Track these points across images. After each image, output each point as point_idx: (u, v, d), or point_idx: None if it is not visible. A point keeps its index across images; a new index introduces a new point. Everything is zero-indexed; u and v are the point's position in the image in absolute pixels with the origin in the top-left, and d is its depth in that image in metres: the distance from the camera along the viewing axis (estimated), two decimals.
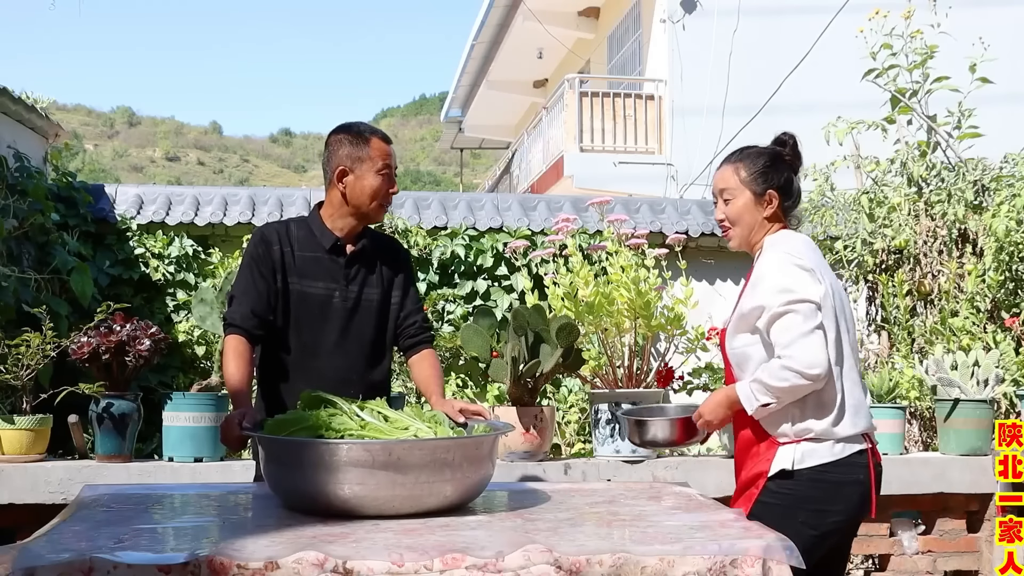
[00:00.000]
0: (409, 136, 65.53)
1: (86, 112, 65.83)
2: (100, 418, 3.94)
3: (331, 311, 2.83)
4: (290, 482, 2.18)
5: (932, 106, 5.93)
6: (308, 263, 2.84)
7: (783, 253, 2.56)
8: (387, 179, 2.85)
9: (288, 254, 2.84)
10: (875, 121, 6.03)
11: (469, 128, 22.78)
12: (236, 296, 2.83)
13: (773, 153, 2.71)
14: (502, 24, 17.70)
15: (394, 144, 2.98)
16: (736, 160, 2.69)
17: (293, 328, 2.83)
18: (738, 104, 12.56)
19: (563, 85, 14.10)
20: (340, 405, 2.31)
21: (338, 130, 2.88)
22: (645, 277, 4.22)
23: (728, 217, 2.69)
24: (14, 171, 6.99)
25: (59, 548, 1.78)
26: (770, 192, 2.65)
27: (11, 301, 6.10)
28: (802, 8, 12.36)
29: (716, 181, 2.72)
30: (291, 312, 2.83)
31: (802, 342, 2.41)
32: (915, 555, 4.40)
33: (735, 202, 2.67)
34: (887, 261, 5.89)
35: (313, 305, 2.82)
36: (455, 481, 2.14)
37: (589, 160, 13.55)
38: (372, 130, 2.87)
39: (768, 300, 2.49)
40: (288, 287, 2.83)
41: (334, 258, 2.86)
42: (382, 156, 2.82)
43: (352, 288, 2.86)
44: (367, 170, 2.81)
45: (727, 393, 2.55)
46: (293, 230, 2.89)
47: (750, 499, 2.53)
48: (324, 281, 2.84)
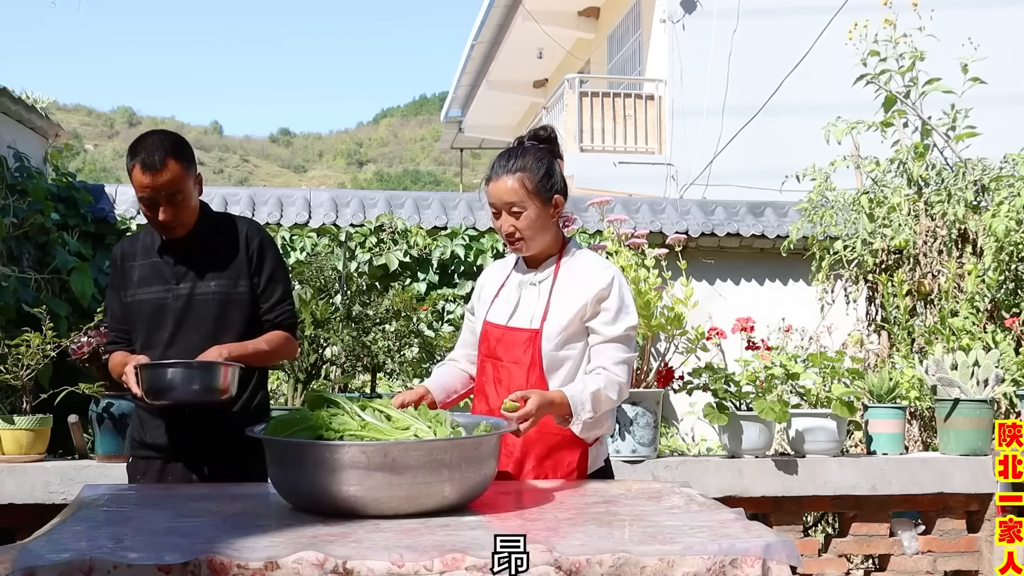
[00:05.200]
0: (409, 136, 65.49)
1: (86, 112, 65.81)
2: (100, 418, 3.94)
3: (165, 313, 2.87)
4: (292, 482, 2.19)
5: (928, 108, 5.93)
6: (146, 269, 2.91)
7: (619, 274, 2.67)
8: (148, 205, 2.80)
9: (130, 267, 2.93)
10: (874, 121, 6.03)
11: (469, 128, 22.76)
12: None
13: (548, 154, 2.67)
14: (502, 24, 17.70)
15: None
16: (517, 170, 2.59)
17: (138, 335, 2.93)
18: (738, 104, 12.56)
19: (563, 85, 14.10)
20: (343, 404, 2.31)
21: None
22: (645, 277, 4.22)
23: (521, 230, 2.62)
24: (14, 171, 6.99)
25: (59, 548, 1.78)
26: (556, 197, 2.64)
27: (11, 301, 6.10)
28: (801, 9, 12.36)
29: (500, 194, 2.60)
30: (135, 321, 2.91)
31: (631, 366, 2.68)
32: (915, 555, 4.40)
33: (527, 215, 2.60)
34: (887, 261, 5.89)
35: (149, 309, 2.88)
36: (453, 481, 2.14)
37: (589, 160, 13.55)
38: (134, 154, 2.76)
39: (621, 320, 2.61)
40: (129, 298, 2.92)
41: (166, 259, 2.90)
42: (138, 186, 2.77)
43: (183, 286, 2.87)
44: (136, 194, 2.81)
45: (553, 397, 2.51)
46: (141, 239, 2.98)
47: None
48: (159, 284, 2.88)
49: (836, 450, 4.35)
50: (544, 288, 2.69)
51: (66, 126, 8.76)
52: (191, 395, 2.70)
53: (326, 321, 5.21)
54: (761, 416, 4.11)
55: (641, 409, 4.14)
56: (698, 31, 13.33)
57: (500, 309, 2.73)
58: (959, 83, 5.66)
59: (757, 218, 9.58)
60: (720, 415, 4.19)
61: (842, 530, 4.49)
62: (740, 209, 9.67)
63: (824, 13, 11.41)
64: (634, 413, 4.14)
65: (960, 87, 5.66)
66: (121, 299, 2.93)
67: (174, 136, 2.84)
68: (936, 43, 5.67)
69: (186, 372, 2.71)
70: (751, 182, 11.47)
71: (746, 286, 9.69)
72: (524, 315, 2.68)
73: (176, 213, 2.79)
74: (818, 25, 11.55)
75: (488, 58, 19.36)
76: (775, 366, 4.28)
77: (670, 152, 13.46)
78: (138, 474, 2.95)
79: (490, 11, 17.30)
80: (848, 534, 4.41)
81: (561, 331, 2.62)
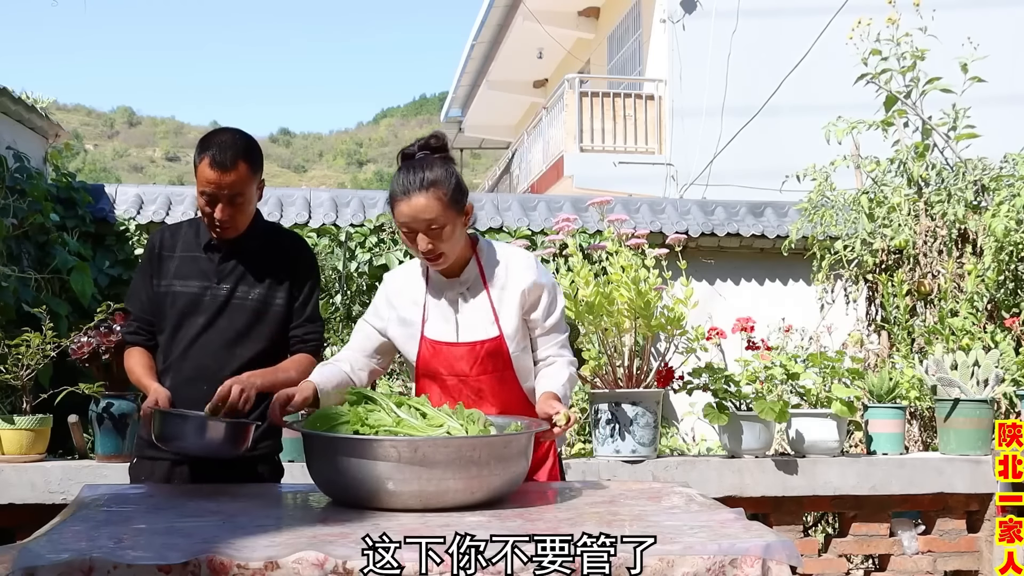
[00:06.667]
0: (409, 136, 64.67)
1: (86, 112, 65.85)
2: (100, 418, 3.94)
3: (199, 309, 2.82)
4: (327, 473, 2.27)
5: (929, 108, 5.93)
6: (186, 263, 2.86)
7: (538, 260, 2.72)
8: (207, 201, 2.74)
9: (168, 257, 2.87)
10: (875, 121, 6.03)
11: (469, 128, 22.78)
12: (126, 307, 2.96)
13: (450, 162, 2.57)
14: (502, 24, 17.71)
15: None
16: (429, 185, 2.48)
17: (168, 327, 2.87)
18: (738, 104, 12.57)
19: (563, 85, 14.10)
20: (379, 401, 2.37)
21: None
22: (645, 277, 4.22)
23: (440, 247, 2.53)
24: (14, 171, 6.99)
25: (59, 548, 1.78)
26: (468, 204, 2.58)
27: (11, 301, 6.11)
28: (801, 9, 12.37)
29: (415, 213, 2.48)
30: (166, 312, 2.86)
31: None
32: (915, 555, 4.40)
33: (447, 230, 2.51)
34: (887, 261, 5.89)
35: (183, 303, 2.83)
36: (482, 479, 2.19)
37: (589, 160, 13.56)
38: (205, 148, 2.72)
39: (555, 306, 2.69)
40: (163, 288, 2.86)
41: (210, 256, 2.85)
42: (202, 181, 2.72)
43: (223, 287, 2.83)
44: (198, 187, 2.76)
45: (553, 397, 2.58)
46: (183, 231, 2.92)
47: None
48: (198, 279, 2.84)
49: (836, 450, 4.35)
50: (479, 294, 2.65)
51: (66, 126, 8.76)
52: (207, 450, 2.60)
53: (326, 321, 5.21)
54: (761, 416, 4.11)
55: (641, 409, 4.14)
56: (698, 31, 13.33)
57: (439, 327, 2.64)
58: (959, 83, 5.67)
59: (757, 218, 9.58)
60: (720, 415, 4.19)
61: (842, 530, 4.48)
62: (740, 209, 9.67)
63: (824, 13, 11.41)
64: (634, 413, 4.14)
65: (960, 87, 5.66)
66: (153, 287, 2.87)
67: (248, 138, 2.79)
68: (936, 43, 5.68)
69: (208, 426, 2.55)
70: (751, 182, 11.47)
71: (746, 286, 9.69)
72: (475, 326, 2.63)
73: (233, 214, 2.75)
74: (818, 25, 11.56)
75: (488, 58, 19.37)
76: (775, 366, 4.28)
77: (670, 152, 13.46)
78: (143, 474, 2.91)
79: (490, 11, 17.32)
80: (848, 534, 4.41)
81: (516, 331, 2.63)
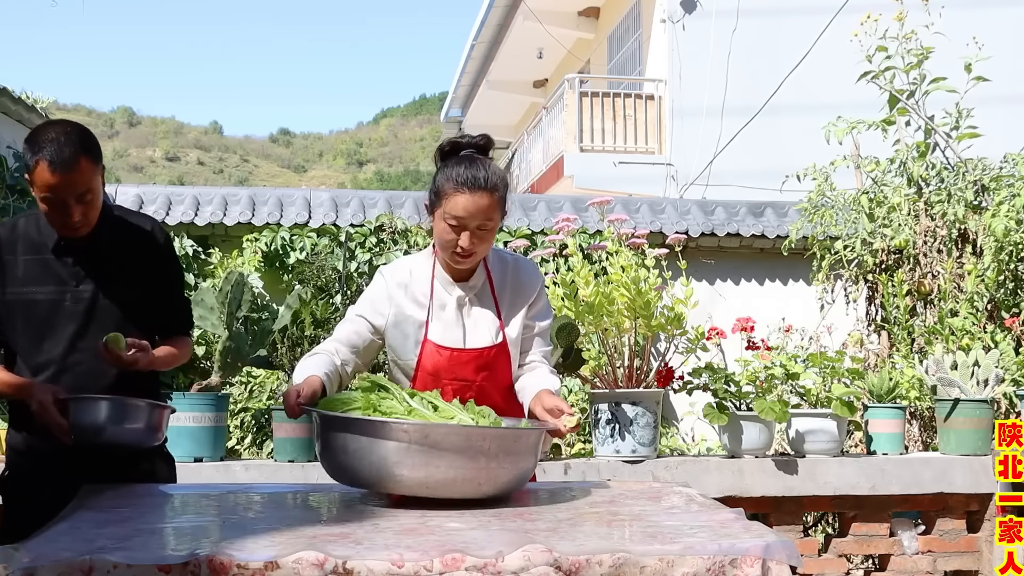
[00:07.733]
0: (409, 136, 65.46)
1: (86, 112, 65.91)
2: None
3: (61, 315, 2.57)
4: (336, 456, 2.25)
5: (930, 107, 5.94)
6: (35, 266, 2.59)
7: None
8: (53, 206, 2.51)
9: (10, 262, 2.59)
10: (875, 121, 6.03)
11: (469, 128, 22.77)
12: None
13: (495, 162, 2.55)
14: (502, 24, 17.71)
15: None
16: (494, 188, 2.44)
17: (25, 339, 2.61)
18: (738, 104, 12.57)
19: (563, 85, 14.10)
20: (392, 390, 2.37)
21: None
22: (645, 277, 4.22)
23: (479, 248, 2.49)
24: (14, 171, 7.00)
25: (59, 548, 1.78)
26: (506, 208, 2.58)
27: None
28: (802, 8, 12.37)
29: (476, 211, 2.43)
30: (19, 322, 2.59)
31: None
32: (915, 555, 4.41)
33: (493, 227, 2.48)
34: (887, 261, 5.90)
35: (44, 311, 2.57)
36: (490, 470, 2.17)
37: (589, 160, 13.57)
38: (38, 149, 2.48)
39: (548, 312, 2.71)
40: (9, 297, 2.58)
41: (64, 259, 2.60)
42: (43, 187, 2.49)
43: (84, 288, 2.60)
44: (38, 192, 2.51)
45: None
46: (21, 229, 2.64)
47: None
48: (54, 284, 2.58)
49: (836, 450, 4.36)
50: (485, 299, 2.64)
51: None
52: (130, 436, 2.47)
53: (326, 321, 5.21)
54: (761, 416, 4.11)
55: (641, 409, 4.14)
56: (698, 31, 13.34)
57: (444, 331, 2.62)
58: (961, 83, 5.67)
59: (757, 218, 9.59)
60: (720, 415, 4.19)
61: (842, 530, 4.49)
62: (740, 209, 9.68)
63: (824, 13, 11.42)
64: (634, 413, 4.14)
65: (962, 87, 5.67)
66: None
67: (80, 128, 2.58)
68: (939, 42, 5.68)
69: (127, 409, 2.45)
70: (751, 182, 11.48)
71: (746, 286, 9.70)
72: (481, 332, 2.62)
73: (85, 211, 2.53)
74: (818, 25, 11.57)
75: (488, 58, 19.38)
76: (775, 366, 4.29)
77: (670, 152, 13.46)
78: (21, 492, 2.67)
79: (490, 11, 17.32)
80: (848, 534, 4.41)
81: (518, 336, 2.65)
